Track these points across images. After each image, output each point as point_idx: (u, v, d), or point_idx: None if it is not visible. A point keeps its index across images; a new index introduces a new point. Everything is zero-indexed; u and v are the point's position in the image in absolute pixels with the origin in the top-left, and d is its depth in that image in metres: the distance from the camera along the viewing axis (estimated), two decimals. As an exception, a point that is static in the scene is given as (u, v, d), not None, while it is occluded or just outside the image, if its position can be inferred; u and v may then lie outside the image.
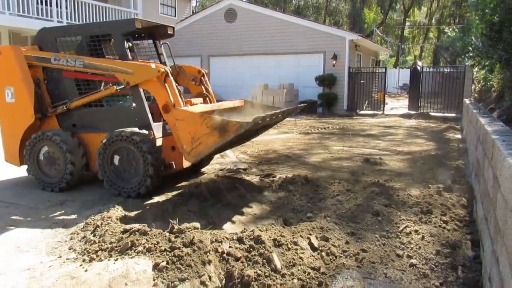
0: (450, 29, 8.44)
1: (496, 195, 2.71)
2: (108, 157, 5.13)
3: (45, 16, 15.46)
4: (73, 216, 4.40)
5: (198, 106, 5.41)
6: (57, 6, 15.84)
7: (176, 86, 5.08)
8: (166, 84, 4.94)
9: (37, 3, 15.33)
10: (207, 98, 5.99)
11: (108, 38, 5.70)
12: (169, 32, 6.10)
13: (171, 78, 5.06)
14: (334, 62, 16.52)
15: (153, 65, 5.04)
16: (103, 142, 5.08)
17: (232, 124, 4.34)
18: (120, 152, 5.09)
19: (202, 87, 6.07)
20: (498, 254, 2.43)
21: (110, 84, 5.47)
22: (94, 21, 17.40)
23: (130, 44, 5.57)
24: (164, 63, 6.23)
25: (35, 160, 5.59)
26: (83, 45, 5.66)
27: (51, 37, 5.69)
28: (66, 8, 16.25)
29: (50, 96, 5.69)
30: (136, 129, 5.05)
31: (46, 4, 15.56)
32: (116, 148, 5.08)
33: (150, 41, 6.34)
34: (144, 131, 5.04)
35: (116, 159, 5.12)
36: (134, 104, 5.42)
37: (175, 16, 23.45)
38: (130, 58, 5.39)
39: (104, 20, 17.87)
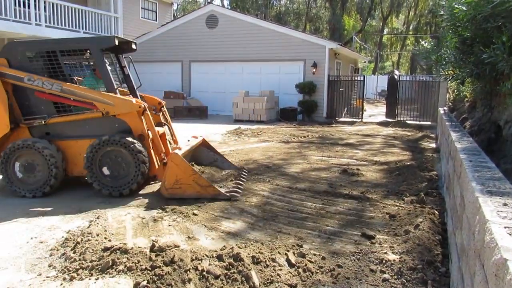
0: (426, 42, 8.69)
1: (463, 214, 2.86)
2: (96, 160, 5.56)
3: (23, 18, 15.21)
4: (53, 230, 4.39)
5: (186, 147, 6.09)
6: (35, 9, 15.59)
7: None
8: (143, 117, 5.67)
9: (15, 5, 15.06)
10: (167, 128, 6.66)
11: (83, 53, 5.95)
12: (133, 47, 6.57)
13: (148, 112, 5.78)
14: (314, 70, 16.77)
15: (133, 101, 5.67)
16: (93, 146, 5.50)
17: (213, 190, 5.36)
18: (109, 154, 5.56)
19: (162, 117, 6.71)
20: (463, 272, 2.57)
21: (95, 110, 5.74)
22: (73, 24, 17.19)
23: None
24: (128, 75, 6.74)
25: (11, 169, 5.69)
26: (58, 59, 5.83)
27: (21, 51, 5.79)
28: (45, 10, 16.01)
29: (20, 107, 5.84)
30: (121, 135, 5.55)
31: (24, 7, 15.31)
32: (105, 151, 5.54)
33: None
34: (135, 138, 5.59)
35: (105, 161, 5.58)
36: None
37: (156, 20, 23.36)
38: (117, 74, 5.85)
39: (84, 23, 17.68)
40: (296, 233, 4.21)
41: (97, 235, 3.98)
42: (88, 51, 5.87)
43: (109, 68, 5.88)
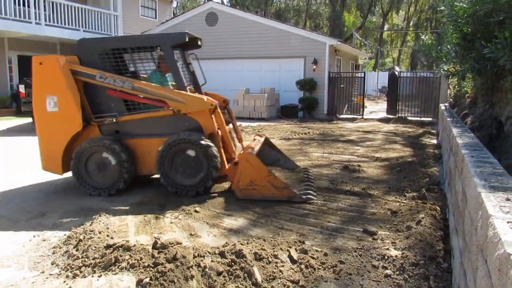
0: (426, 36, 8.68)
1: (465, 209, 2.86)
2: (169, 159, 5.44)
3: (23, 17, 15.20)
4: (55, 229, 4.40)
5: (258, 146, 5.96)
6: (35, 8, 15.59)
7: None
8: (213, 116, 5.57)
9: (15, 4, 15.06)
10: (232, 125, 6.43)
11: (153, 50, 5.91)
12: (198, 44, 6.40)
13: (219, 110, 5.69)
14: (315, 66, 16.75)
15: (205, 98, 5.58)
16: (167, 144, 5.38)
17: (289, 192, 5.17)
18: (181, 154, 5.44)
19: (227, 114, 6.36)
20: (466, 267, 2.57)
21: (166, 108, 5.61)
22: (73, 23, 17.17)
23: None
24: (193, 72, 6.53)
25: (83, 166, 5.63)
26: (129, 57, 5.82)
27: (92, 48, 5.71)
28: (45, 9, 16.01)
29: (90, 105, 5.76)
30: (196, 133, 5.45)
31: (24, 6, 15.30)
32: (177, 150, 5.42)
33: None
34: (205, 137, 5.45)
35: (177, 161, 5.47)
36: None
37: (155, 18, 23.35)
38: (184, 71, 5.76)
39: (84, 21, 17.66)
40: (298, 230, 4.22)
41: (100, 232, 3.99)
42: (159, 48, 5.78)
43: (179, 65, 5.76)
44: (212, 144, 5.35)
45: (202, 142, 5.31)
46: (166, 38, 5.71)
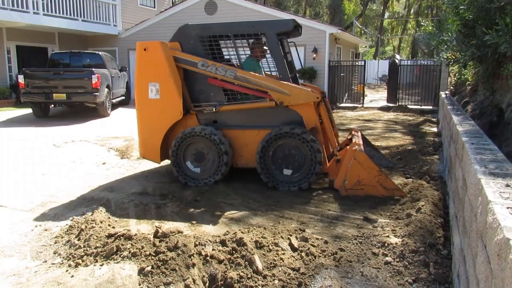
0: (427, 23, 8.61)
1: (465, 196, 2.87)
2: (270, 153, 5.30)
3: (20, 7, 15.08)
4: (57, 218, 4.43)
5: (360, 145, 5.49)
6: (32, -2, 15.45)
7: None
8: (318, 110, 5.34)
9: (12, -7, 14.93)
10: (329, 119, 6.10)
11: (258, 37, 5.69)
12: (299, 32, 6.06)
13: (323, 103, 5.43)
14: (315, 55, 16.66)
15: (309, 90, 5.32)
16: (269, 137, 5.22)
17: (399, 192, 4.80)
18: (284, 148, 5.28)
19: (324, 108, 5.87)
20: (465, 253, 2.59)
21: (268, 100, 5.37)
22: (72, 12, 17.05)
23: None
24: (291, 62, 6.24)
25: (181, 155, 5.55)
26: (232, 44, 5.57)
27: (195, 35, 5.52)
28: (42, -1, 15.87)
29: (189, 93, 5.63)
30: (300, 127, 5.21)
31: (21, -5, 15.16)
32: (280, 144, 5.27)
33: None
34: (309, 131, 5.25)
35: (278, 154, 5.33)
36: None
37: (154, 7, 23.17)
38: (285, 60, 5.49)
39: (82, 11, 17.53)
40: (298, 218, 4.24)
41: (101, 222, 4.01)
42: (264, 35, 5.57)
43: (282, 54, 5.53)
44: (316, 139, 5.18)
45: (306, 136, 5.14)
46: (272, 25, 5.41)
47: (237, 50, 5.58)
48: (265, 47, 5.78)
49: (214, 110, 5.54)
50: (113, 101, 13.93)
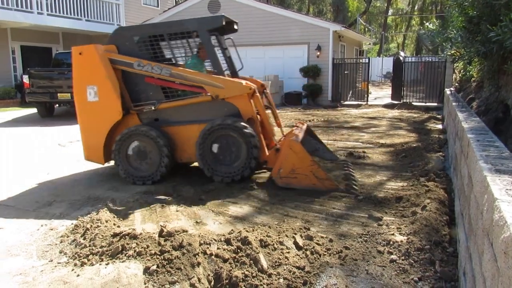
0: (431, 23, 8.57)
1: (470, 194, 2.85)
2: (208, 146, 5.44)
3: (24, 7, 15.16)
4: (62, 218, 4.44)
5: (301, 133, 5.80)
6: (36, -2, 15.51)
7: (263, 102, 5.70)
8: (252, 101, 5.51)
9: (16, -6, 15.00)
10: (271, 110, 6.31)
11: (190, 35, 5.87)
12: (235, 27, 6.25)
13: (258, 95, 5.60)
14: (318, 53, 16.62)
15: (243, 82, 5.54)
16: (204, 131, 5.38)
17: (330, 183, 5.03)
18: (220, 139, 5.42)
19: (265, 100, 6.18)
20: (471, 251, 2.58)
21: (204, 94, 5.56)
22: (75, 12, 17.10)
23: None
24: (229, 57, 6.45)
25: (124, 155, 5.66)
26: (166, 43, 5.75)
27: (130, 36, 5.67)
28: (46, -1, 15.93)
29: (129, 94, 5.75)
30: (234, 118, 5.38)
31: (25, -4, 15.22)
32: (216, 136, 5.41)
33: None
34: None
35: (215, 147, 5.46)
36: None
37: (157, 6, 23.19)
38: (217, 55, 5.69)
39: (86, 11, 17.58)
40: (303, 216, 4.24)
41: (106, 221, 4.03)
42: (196, 32, 5.70)
43: (216, 50, 5.72)
44: (247, 126, 5.31)
45: (237, 124, 5.28)
46: (203, 22, 5.60)
47: (172, 49, 5.77)
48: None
49: (153, 108, 5.68)
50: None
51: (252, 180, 5.55)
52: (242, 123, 5.31)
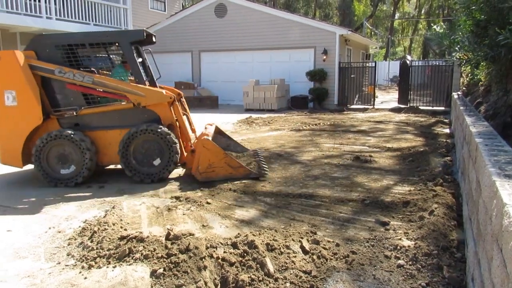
0: (438, 26, 8.54)
1: (479, 199, 2.83)
2: (131, 149, 5.77)
3: (33, 12, 15.31)
4: (70, 220, 4.47)
5: (210, 132, 6.28)
6: (46, 2, 15.67)
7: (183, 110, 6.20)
8: (172, 108, 5.95)
9: (25, -2, 15.15)
10: (186, 116, 6.67)
11: (112, 46, 6.22)
12: (153, 40, 6.63)
13: (177, 103, 6.08)
14: (325, 57, 16.61)
15: (163, 92, 5.93)
16: (129, 135, 5.71)
17: (244, 170, 5.78)
18: (143, 143, 5.78)
19: (181, 107, 6.58)
20: (480, 256, 2.56)
21: (127, 101, 5.91)
22: (83, 16, 17.25)
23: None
24: (148, 67, 6.78)
25: (45, 158, 5.79)
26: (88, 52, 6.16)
27: (50, 44, 5.84)
28: (55, 3, 16.08)
29: (48, 99, 5.92)
30: (156, 124, 5.77)
31: (35, 0, 15.38)
32: (140, 140, 5.75)
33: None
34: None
35: (138, 150, 5.81)
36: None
37: (165, 11, 23.33)
38: (140, 66, 6.07)
39: (94, 15, 17.73)
40: (309, 220, 4.23)
41: (113, 224, 4.04)
42: (117, 44, 6.01)
43: (138, 60, 6.06)
44: (170, 132, 5.72)
45: (161, 130, 5.67)
46: (125, 34, 6.03)
47: (91, 57, 6.12)
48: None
49: (74, 113, 5.90)
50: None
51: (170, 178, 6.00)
52: (166, 130, 5.70)
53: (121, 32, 6.16)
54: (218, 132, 7.23)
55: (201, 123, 8.24)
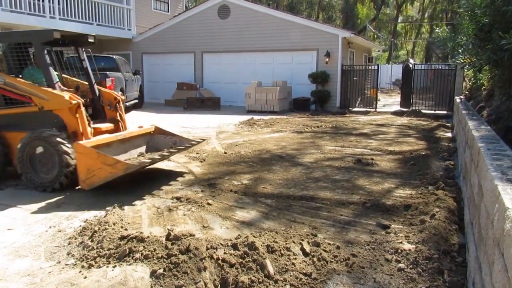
0: (441, 29, 8.52)
1: (480, 203, 2.82)
2: (27, 154, 5.53)
3: (37, 11, 15.36)
4: (70, 219, 4.47)
5: (103, 137, 5.84)
6: (49, 2, 15.72)
7: (87, 116, 5.83)
8: (77, 114, 5.65)
9: (29, -3, 15.20)
10: (120, 124, 6.57)
11: (29, 46, 6.09)
12: (89, 40, 6.49)
13: (82, 109, 5.75)
14: (327, 59, 16.61)
15: (66, 96, 5.61)
16: (24, 139, 5.51)
17: (122, 164, 5.12)
18: (37, 150, 5.50)
19: (117, 113, 6.57)
20: (481, 261, 2.55)
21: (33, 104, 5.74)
22: (87, 16, 17.31)
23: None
24: (86, 69, 6.68)
25: None
26: (6, 52, 6.13)
27: None
28: (59, 3, 16.14)
29: None
30: (55, 130, 5.50)
31: (38, 0, 15.44)
32: (35, 146, 5.49)
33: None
34: (63, 134, 5.52)
35: (33, 156, 5.55)
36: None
37: (168, 11, 23.36)
38: (51, 65, 5.97)
39: (97, 15, 17.78)
40: (310, 223, 4.22)
41: (114, 224, 4.04)
42: (31, 44, 5.93)
43: (48, 62, 5.95)
44: (64, 141, 5.40)
45: (53, 139, 5.37)
46: (37, 35, 5.90)
47: (9, 58, 6.05)
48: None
49: None
50: (127, 104, 14.07)
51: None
52: (58, 139, 5.38)
53: (34, 32, 6.01)
54: (159, 132, 6.92)
55: (201, 124, 8.23)
